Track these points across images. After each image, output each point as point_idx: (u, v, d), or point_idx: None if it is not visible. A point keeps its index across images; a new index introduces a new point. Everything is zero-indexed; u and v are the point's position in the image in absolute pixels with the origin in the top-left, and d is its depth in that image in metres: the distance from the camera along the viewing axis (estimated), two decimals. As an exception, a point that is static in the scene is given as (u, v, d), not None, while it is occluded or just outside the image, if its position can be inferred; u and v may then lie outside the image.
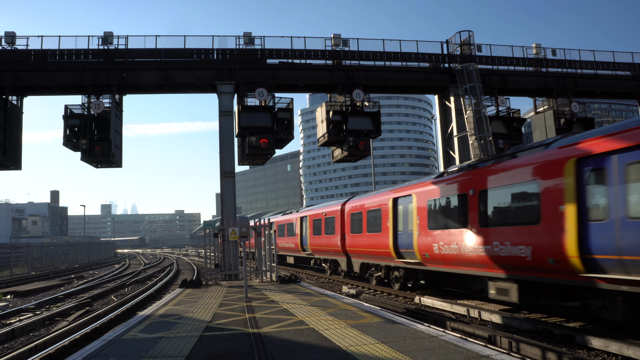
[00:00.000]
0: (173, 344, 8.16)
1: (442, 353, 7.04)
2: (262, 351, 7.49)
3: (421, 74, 25.65)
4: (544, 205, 11.27)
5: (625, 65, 27.96)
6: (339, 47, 24.63)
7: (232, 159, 23.51)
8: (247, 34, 24.08)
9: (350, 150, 23.18)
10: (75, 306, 17.21)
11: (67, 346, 10.21)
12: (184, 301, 13.88)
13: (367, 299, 16.76)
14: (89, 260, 58.36)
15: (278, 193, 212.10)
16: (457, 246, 14.44)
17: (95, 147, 22.20)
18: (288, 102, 23.23)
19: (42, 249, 46.06)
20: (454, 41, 25.89)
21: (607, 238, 9.67)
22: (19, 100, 23.84)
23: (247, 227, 16.00)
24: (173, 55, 23.87)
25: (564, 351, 8.78)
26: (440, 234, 15.45)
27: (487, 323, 12.50)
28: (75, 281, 29.44)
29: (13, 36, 23.07)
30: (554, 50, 27.29)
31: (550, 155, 11.35)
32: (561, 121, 25.75)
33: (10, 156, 22.80)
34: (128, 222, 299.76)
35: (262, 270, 20.37)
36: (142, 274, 33.16)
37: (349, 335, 8.47)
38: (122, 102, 24.37)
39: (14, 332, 12.57)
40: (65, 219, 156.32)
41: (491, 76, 25.76)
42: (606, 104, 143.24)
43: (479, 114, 23.75)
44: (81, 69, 23.17)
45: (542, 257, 11.20)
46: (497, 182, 13.16)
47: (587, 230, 10.15)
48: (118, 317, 14.30)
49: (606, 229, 9.72)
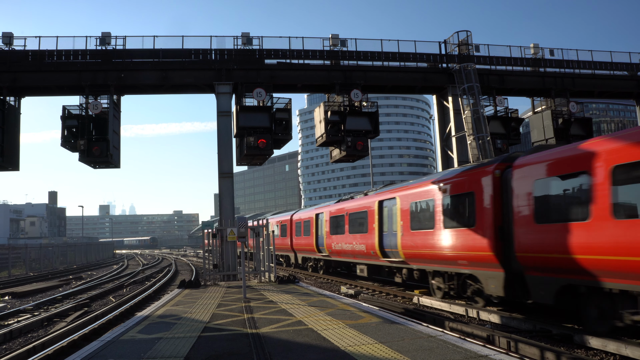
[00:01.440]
0: (172, 345, 8.16)
1: (440, 353, 7.05)
2: (260, 351, 7.49)
3: (419, 74, 25.67)
4: (369, 222, 20.67)
5: (623, 65, 28.02)
6: (337, 48, 24.64)
7: (231, 159, 23.50)
8: (245, 35, 24.07)
9: (348, 151, 23.19)
10: (74, 307, 17.19)
11: (65, 347, 10.19)
12: (183, 302, 13.87)
13: (366, 299, 16.76)
14: (87, 261, 58.29)
15: (276, 193, 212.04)
16: (342, 244, 24.01)
17: (93, 148, 22.17)
18: (286, 102, 23.23)
19: (40, 249, 45.98)
20: (452, 41, 25.91)
21: (390, 240, 18.82)
22: (17, 100, 23.80)
23: (245, 227, 15.99)
24: (171, 56, 23.85)
25: (563, 351, 8.79)
26: (336, 238, 24.84)
27: (485, 323, 12.51)
28: (73, 282, 29.39)
29: (11, 37, 23.03)
30: (551, 50, 27.34)
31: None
32: (559, 121, 25.80)
33: (8, 157, 22.76)
34: (126, 223, 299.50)
35: (260, 270, 20.37)
36: (140, 275, 33.11)
37: (348, 335, 8.47)
38: (120, 103, 24.34)
39: (12, 333, 12.54)
40: (64, 219, 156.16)
41: (489, 76, 25.78)
42: (604, 104, 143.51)
43: (477, 114, 23.78)
44: (79, 69, 23.15)
45: (370, 250, 20.51)
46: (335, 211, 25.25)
47: (382, 235, 19.64)
48: (117, 317, 14.29)
49: (388, 236, 19.06)
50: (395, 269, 19.27)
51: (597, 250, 9.71)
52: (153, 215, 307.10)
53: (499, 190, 12.83)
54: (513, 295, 12.51)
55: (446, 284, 15.53)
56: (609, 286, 9.64)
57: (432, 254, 15.72)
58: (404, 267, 18.31)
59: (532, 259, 11.57)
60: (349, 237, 22.94)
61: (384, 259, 19.36)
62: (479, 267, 13.59)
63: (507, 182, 12.58)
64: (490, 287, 13.15)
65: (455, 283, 15.05)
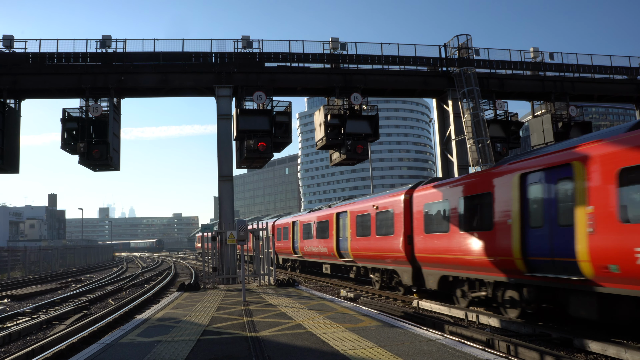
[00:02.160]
0: (171, 348, 8.14)
1: (440, 357, 7.04)
2: (260, 355, 7.48)
3: (419, 78, 25.68)
4: (330, 230, 25.21)
5: (623, 69, 28.04)
6: (337, 51, 24.66)
7: (230, 163, 23.49)
8: (245, 38, 24.10)
9: (348, 154, 23.18)
10: (73, 310, 17.17)
11: (64, 350, 10.18)
12: (182, 305, 13.86)
13: (365, 303, 16.75)
14: (87, 264, 58.25)
15: (276, 196, 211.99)
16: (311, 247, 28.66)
17: (93, 151, 22.15)
18: (286, 105, 23.24)
19: (40, 252, 45.96)
20: (452, 45, 25.93)
21: (343, 244, 23.18)
22: (17, 103, 23.79)
23: (245, 230, 15.99)
24: (171, 59, 23.86)
25: (562, 355, 8.78)
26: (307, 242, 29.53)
27: (485, 327, 12.50)
28: (72, 285, 29.37)
29: (11, 39, 23.04)
30: (551, 54, 27.36)
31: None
32: (559, 125, 25.80)
33: (8, 159, 22.74)
34: (126, 226, 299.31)
35: (260, 273, 20.35)
36: (140, 278, 33.09)
37: (347, 339, 8.46)
38: (120, 106, 24.34)
39: (11, 336, 12.53)
40: (63, 222, 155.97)
41: (489, 80, 25.80)
42: (604, 108, 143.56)
43: (477, 118, 23.79)
44: (79, 72, 23.16)
45: (331, 252, 24.96)
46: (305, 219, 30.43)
47: (339, 240, 24.10)
48: (116, 320, 14.28)
49: (342, 241, 23.16)
50: (349, 267, 24.55)
51: (453, 252, 14.65)
52: (153, 218, 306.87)
53: (408, 210, 17.78)
54: (418, 284, 17.40)
55: (380, 277, 20.63)
56: (460, 275, 14.74)
57: (370, 255, 20.92)
58: (354, 265, 23.52)
59: (424, 258, 16.57)
60: (316, 241, 27.79)
61: (340, 259, 24.35)
62: (397, 264, 18.62)
63: (411, 204, 17.68)
64: (405, 279, 18.10)
65: (385, 277, 20.15)
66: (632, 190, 8.98)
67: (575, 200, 10.22)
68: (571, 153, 10.62)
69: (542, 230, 11.25)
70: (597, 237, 9.50)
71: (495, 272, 12.87)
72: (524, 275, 11.73)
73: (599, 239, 9.46)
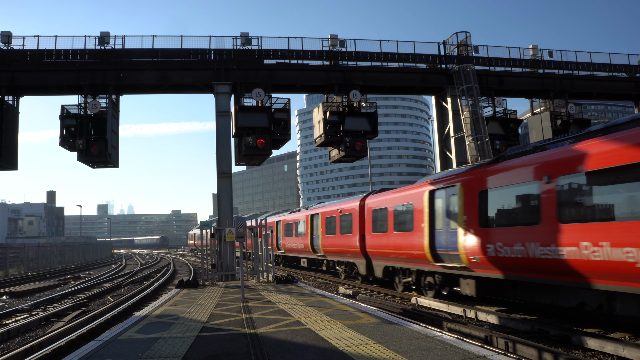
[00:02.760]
0: (170, 345, 8.15)
1: (438, 353, 7.05)
2: (258, 352, 7.48)
3: (418, 75, 25.69)
4: (306, 229, 28.38)
5: (622, 66, 28.06)
6: (336, 48, 24.65)
7: (229, 160, 23.49)
8: (244, 35, 24.07)
9: (347, 151, 23.20)
10: (72, 307, 17.17)
11: (63, 347, 10.18)
12: (181, 301, 13.86)
13: (364, 300, 16.77)
14: (86, 261, 58.24)
15: (275, 193, 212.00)
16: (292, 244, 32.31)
17: (92, 147, 22.15)
18: (285, 102, 23.24)
19: (39, 249, 45.92)
20: (451, 42, 25.93)
21: (316, 241, 26.49)
22: (15, 100, 23.77)
23: (243, 227, 15.99)
24: (170, 56, 23.84)
25: (560, 352, 8.80)
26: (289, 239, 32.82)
27: (483, 324, 12.53)
28: (71, 281, 29.38)
29: (9, 36, 23.01)
30: (550, 52, 27.38)
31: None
32: (558, 122, 25.84)
33: (6, 156, 22.72)
34: (125, 223, 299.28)
35: (259, 270, 20.37)
36: (138, 275, 33.09)
37: (346, 335, 8.47)
38: (118, 102, 24.32)
39: (9, 333, 12.53)
40: (62, 219, 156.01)
41: (488, 77, 25.81)
42: (602, 105, 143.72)
43: (476, 115, 23.81)
44: (78, 69, 23.13)
45: (306, 248, 28.13)
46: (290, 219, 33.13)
47: (313, 237, 27.20)
48: (114, 317, 14.28)
49: (316, 238, 26.59)
50: (321, 261, 28.10)
51: (390, 248, 18.29)
52: (151, 215, 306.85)
53: (362, 214, 21.38)
54: (370, 274, 21.00)
55: (344, 269, 24.31)
56: (396, 266, 18.52)
57: (336, 250, 24.42)
58: (324, 259, 27.09)
59: (373, 253, 20.15)
60: (295, 238, 31.27)
61: (314, 254, 27.77)
62: (355, 257, 22.19)
63: (364, 209, 21.27)
64: (361, 269, 21.76)
65: (348, 268, 23.83)
66: (485, 205, 12.99)
67: (458, 211, 14.09)
68: (457, 177, 14.54)
69: (441, 231, 15.05)
70: (467, 237, 13.48)
71: (417, 262, 16.68)
72: (432, 264, 15.56)
73: (468, 239, 13.45)
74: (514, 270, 11.96)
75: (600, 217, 9.66)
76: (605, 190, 9.85)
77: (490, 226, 12.75)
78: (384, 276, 19.61)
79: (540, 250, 10.86)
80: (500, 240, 12.22)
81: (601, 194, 9.91)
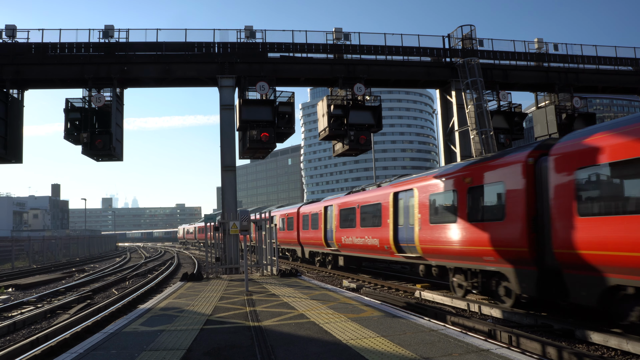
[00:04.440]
0: (174, 337, 8.19)
1: (442, 347, 7.06)
2: (262, 344, 7.52)
3: (423, 68, 25.58)
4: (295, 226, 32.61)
5: (628, 60, 27.86)
6: (340, 41, 24.55)
7: (233, 153, 23.49)
8: (249, 28, 23.99)
9: (351, 145, 23.16)
10: (77, 299, 17.27)
11: (68, 339, 10.25)
12: (185, 294, 13.92)
13: (368, 293, 16.80)
14: (90, 254, 58.50)
15: (279, 187, 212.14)
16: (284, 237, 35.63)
17: (96, 141, 22.18)
18: (289, 96, 23.19)
19: (43, 242, 46.17)
20: (456, 35, 25.79)
21: (300, 234, 31.62)
22: (20, 93, 23.81)
23: (248, 221, 16.03)
24: (174, 49, 23.80)
25: (564, 346, 8.80)
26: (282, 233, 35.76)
27: (487, 317, 12.54)
28: (76, 274, 29.52)
29: (14, 29, 23.00)
30: (555, 45, 27.19)
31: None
32: (562, 116, 25.70)
33: (11, 149, 22.80)
34: (129, 216, 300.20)
35: (262, 263, 20.42)
36: (142, 268, 33.22)
37: (350, 328, 8.49)
38: (123, 96, 24.32)
39: (15, 325, 12.62)
40: (66, 212, 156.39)
41: (493, 71, 25.68)
42: (608, 99, 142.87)
43: (480, 109, 23.71)
44: (82, 62, 23.12)
45: (293, 240, 33.13)
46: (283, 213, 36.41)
47: (299, 234, 31.93)
48: (119, 310, 14.35)
49: (298, 232, 32.17)
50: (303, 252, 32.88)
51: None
52: (156, 209, 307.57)
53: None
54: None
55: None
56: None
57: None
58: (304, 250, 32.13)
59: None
60: (287, 232, 34.74)
61: (329, 248, 29.93)
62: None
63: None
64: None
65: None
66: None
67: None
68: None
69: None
70: (421, 232, 16.14)
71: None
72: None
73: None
74: None
75: None
76: None
77: None
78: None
79: None
80: None
81: None
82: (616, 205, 9.40)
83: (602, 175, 9.82)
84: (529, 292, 11.79)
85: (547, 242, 11.05)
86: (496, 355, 6.58)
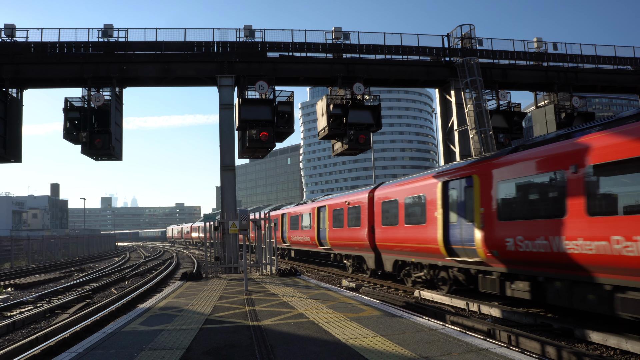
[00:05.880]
0: (173, 337, 8.19)
1: (441, 346, 7.07)
2: (262, 344, 7.52)
3: (422, 68, 25.58)
4: (280, 225, 36.09)
5: (627, 59, 27.88)
6: (339, 41, 24.55)
7: (233, 152, 23.49)
8: (248, 27, 23.99)
9: (350, 144, 23.17)
10: (76, 299, 17.26)
11: (67, 338, 10.24)
12: (184, 294, 13.92)
13: (367, 293, 16.80)
14: (90, 253, 58.47)
15: (278, 186, 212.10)
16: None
17: (96, 140, 22.18)
18: (288, 95, 23.19)
19: (43, 241, 46.15)
20: (455, 35, 25.80)
21: (287, 234, 34.55)
22: (19, 92, 23.80)
23: (247, 220, 16.03)
24: (173, 48, 23.79)
25: (563, 345, 8.81)
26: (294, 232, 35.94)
27: (486, 317, 12.55)
28: (75, 274, 29.51)
29: (13, 28, 22.98)
30: (555, 45, 27.20)
31: None
32: (562, 115, 25.72)
33: (11, 149, 22.79)
34: (128, 215, 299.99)
35: (262, 263, 20.41)
36: (142, 267, 33.21)
37: (349, 328, 8.49)
38: (122, 95, 24.33)
39: (14, 324, 12.61)
40: (66, 212, 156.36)
41: (492, 70, 25.69)
42: (607, 99, 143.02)
43: (480, 108, 23.72)
44: (81, 61, 23.11)
45: (280, 240, 35.63)
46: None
47: (283, 231, 35.69)
48: (118, 309, 14.35)
49: (286, 232, 34.59)
50: (287, 249, 36.38)
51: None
52: (155, 208, 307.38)
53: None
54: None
55: (298, 256, 34.26)
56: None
57: (296, 241, 32.16)
58: (289, 249, 35.61)
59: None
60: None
61: (284, 244, 35.42)
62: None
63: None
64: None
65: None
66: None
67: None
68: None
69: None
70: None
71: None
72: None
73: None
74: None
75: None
76: None
77: None
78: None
79: None
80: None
81: None
82: (387, 220, 18.89)
83: (387, 203, 19.30)
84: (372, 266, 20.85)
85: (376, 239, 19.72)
86: (495, 355, 6.58)
